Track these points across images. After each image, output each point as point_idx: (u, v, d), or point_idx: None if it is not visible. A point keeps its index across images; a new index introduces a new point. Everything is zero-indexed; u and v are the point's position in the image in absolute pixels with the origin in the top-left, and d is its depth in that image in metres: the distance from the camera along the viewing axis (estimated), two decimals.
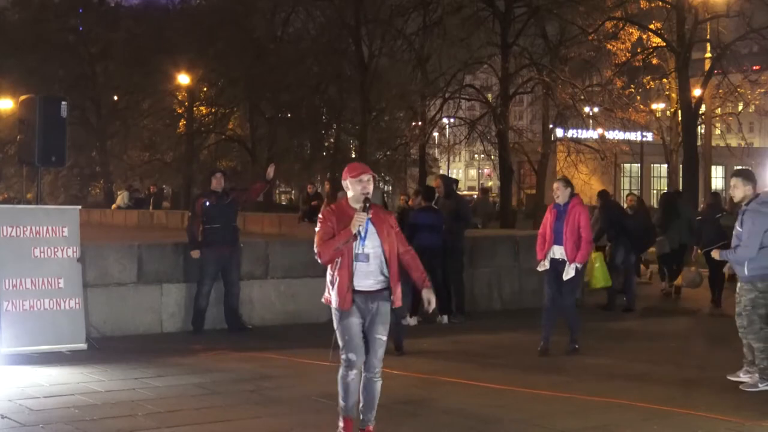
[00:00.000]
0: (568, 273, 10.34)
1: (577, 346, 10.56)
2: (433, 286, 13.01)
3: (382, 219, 6.49)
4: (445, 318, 12.93)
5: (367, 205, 6.34)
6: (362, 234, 6.34)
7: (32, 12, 46.75)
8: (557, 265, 10.42)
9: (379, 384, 6.52)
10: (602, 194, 16.66)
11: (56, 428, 7.02)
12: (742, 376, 8.98)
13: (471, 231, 15.48)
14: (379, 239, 6.41)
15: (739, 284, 8.92)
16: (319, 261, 6.44)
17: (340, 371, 6.48)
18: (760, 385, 8.69)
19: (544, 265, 10.53)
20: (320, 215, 6.51)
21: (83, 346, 10.01)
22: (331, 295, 6.49)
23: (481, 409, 7.82)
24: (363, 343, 6.42)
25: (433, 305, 6.68)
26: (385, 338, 6.48)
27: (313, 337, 11.37)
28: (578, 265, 10.40)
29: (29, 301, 9.84)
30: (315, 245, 6.40)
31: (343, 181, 6.48)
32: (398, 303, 6.55)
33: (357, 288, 6.38)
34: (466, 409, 7.78)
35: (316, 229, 6.47)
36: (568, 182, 10.77)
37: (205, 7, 47.25)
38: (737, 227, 8.87)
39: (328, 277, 6.51)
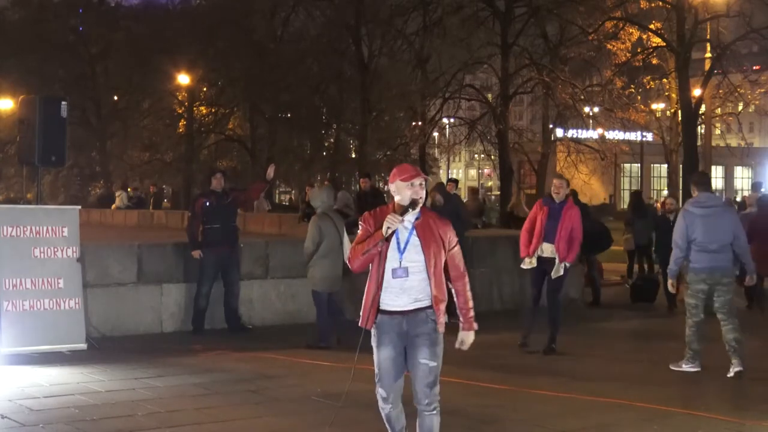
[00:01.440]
0: (558, 271, 10.33)
1: (554, 346, 10.53)
2: None
3: (431, 230, 5.60)
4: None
5: (410, 209, 5.52)
6: (401, 244, 5.54)
7: (32, 12, 46.70)
8: (544, 264, 10.38)
9: (434, 419, 5.69)
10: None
11: (56, 428, 7.02)
12: (734, 369, 9.33)
13: (471, 231, 15.49)
14: (423, 253, 5.55)
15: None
16: (350, 268, 5.70)
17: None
18: (683, 365, 9.49)
19: (532, 263, 10.43)
20: (360, 218, 5.74)
21: (83, 346, 10.00)
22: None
23: (481, 409, 7.82)
24: (397, 376, 5.65)
25: (465, 347, 5.92)
26: (433, 363, 5.63)
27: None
28: (567, 264, 10.36)
29: (29, 301, 9.84)
30: (348, 251, 5.69)
31: (390, 184, 5.66)
32: (441, 327, 5.71)
33: (388, 308, 5.57)
34: (466, 409, 7.78)
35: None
36: (568, 182, 10.81)
37: (205, 7, 47.21)
38: None
39: None
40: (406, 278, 5.54)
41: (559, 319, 10.61)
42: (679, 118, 35.31)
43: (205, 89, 46.94)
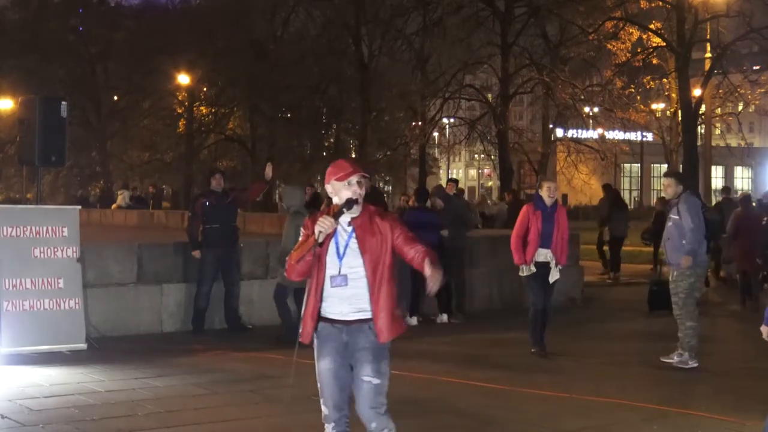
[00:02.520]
0: (555, 275, 10.27)
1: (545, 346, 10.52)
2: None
3: (371, 229, 5.04)
4: (445, 317, 12.94)
5: (344, 210, 4.97)
6: (340, 249, 5.01)
7: (32, 12, 46.70)
8: (542, 268, 10.29)
9: None
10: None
11: (56, 428, 7.02)
12: (676, 359, 9.75)
13: (471, 231, 15.49)
14: (361, 257, 5.00)
15: (675, 273, 9.81)
16: (288, 278, 5.25)
17: None
18: (690, 362, 9.58)
19: (531, 269, 10.20)
20: (303, 222, 5.23)
21: (83, 346, 10.01)
22: None
23: (481, 409, 7.82)
24: (340, 391, 5.11)
25: (433, 287, 5.08)
26: (376, 381, 5.02)
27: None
28: (560, 267, 10.36)
29: (29, 301, 9.84)
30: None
31: (326, 185, 5.13)
32: (383, 338, 5.03)
33: (329, 315, 5.05)
34: (466, 409, 7.78)
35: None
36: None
37: (205, 7, 47.21)
38: (672, 218, 9.87)
39: None
40: (346, 286, 5.01)
41: (548, 320, 10.58)
42: (679, 118, 35.32)
43: (205, 89, 46.95)
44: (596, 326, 13.05)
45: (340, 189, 5.02)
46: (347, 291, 5.02)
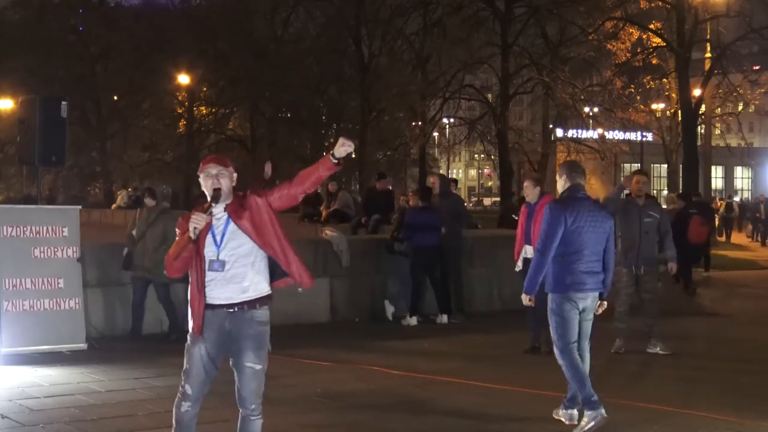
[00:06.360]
0: None
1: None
2: (432, 285, 13.05)
3: (248, 208, 5.31)
4: (445, 318, 12.93)
5: (213, 203, 5.22)
6: (217, 238, 5.22)
7: (32, 12, 46.71)
8: (528, 265, 10.33)
9: (258, 423, 5.44)
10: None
11: (56, 428, 7.02)
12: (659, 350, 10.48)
13: (471, 231, 15.49)
14: (246, 236, 5.22)
15: (644, 269, 10.60)
16: (167, 274, 5.47)
17: (177, 398, 5.49)
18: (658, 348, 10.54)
19: (518, 266, 10.42)
20: (177, 222, 5.38)
21: (83, 346, 10.01)
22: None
23: (481, 409, 7.81)
24: (206, 374, 5.34)
25: (348, 149, 5.37)
26: (258, 367, 5.34)
27: (313, 337, 11.41)
28: None
29: (29, 301, 9.84)
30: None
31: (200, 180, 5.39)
32: (306, 282, 5.53)
33: (213, 301, 5.21)
34: (466, 409, 7.78)
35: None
36: (538, 181, 10.80)
37: (205, 7, 47.20)
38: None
39: None
40: (222, 271, 5.20)
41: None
42: (679, 118, 35.34)
43: (205, 89, 46.95)
44: (596, 326, 13.02)
45: (204, 180, 5.37)
46: (229, 272, 5.21)
